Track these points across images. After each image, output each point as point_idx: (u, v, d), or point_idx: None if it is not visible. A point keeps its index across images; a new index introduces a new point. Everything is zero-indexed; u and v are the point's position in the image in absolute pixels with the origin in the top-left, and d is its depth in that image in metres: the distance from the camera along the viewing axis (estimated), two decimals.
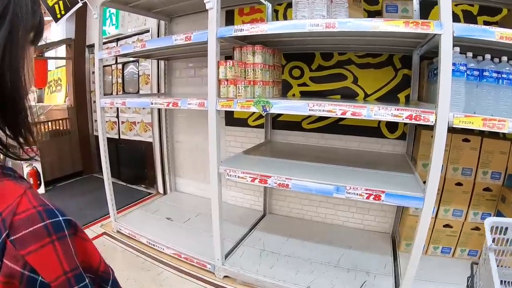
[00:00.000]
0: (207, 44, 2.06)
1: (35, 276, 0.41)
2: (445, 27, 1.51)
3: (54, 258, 0.43)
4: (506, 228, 1.47)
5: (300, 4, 1.81)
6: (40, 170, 4.02)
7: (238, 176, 2.14)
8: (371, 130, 2.77)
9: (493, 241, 1.40)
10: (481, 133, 2.32)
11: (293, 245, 2.71)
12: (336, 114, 1.75)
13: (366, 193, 1.78)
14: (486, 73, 1.71)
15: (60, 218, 0.45)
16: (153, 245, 2.81)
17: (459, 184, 2.38)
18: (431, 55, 2.28)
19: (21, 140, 0.50)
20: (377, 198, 1.76)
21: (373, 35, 1.98)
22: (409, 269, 1.80)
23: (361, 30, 1.64)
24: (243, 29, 1.92)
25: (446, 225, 2.43)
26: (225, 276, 2.41)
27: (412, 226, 2.46)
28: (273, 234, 2.91)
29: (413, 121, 1.63)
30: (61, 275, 0.43)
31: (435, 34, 1.58)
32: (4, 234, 0.40)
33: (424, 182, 1.74)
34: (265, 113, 1.96)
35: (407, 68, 2.57)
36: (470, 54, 1.74)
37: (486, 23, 2.36)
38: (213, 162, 2.22)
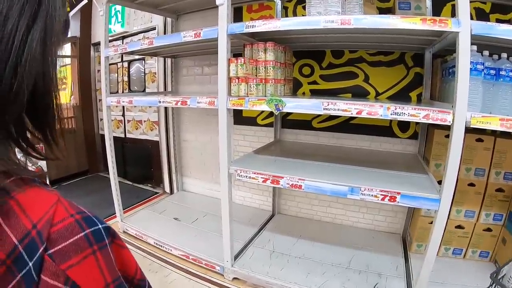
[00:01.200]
0: (217, 41, 2.02)
1: None
2: (463, 25, 1.47)
3: (96, 270, 0.40)
4: None
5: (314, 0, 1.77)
6: (45, 169, 4.00)
7: (250, 177, 2.10)
8: (383, 129, 2.73)
9: None
10: (494, 133, 2.28)
11: (303, 246, 2.67)
12: (352, 114, 1.70)
13: (381, 195, 1.74)
14: (502, 72, 1.68)
15: (100, 226, 0.42)
16: (161, 246, 2.77)
17: (471, 184, 2.33)
18: (444, 53, 2.24)
19: (49, 138, 0.47)
20: (392, 200, 1.72)
21: (388, 33, 1.94)
22: (423, 272, 1.76)
23: (377, 27, 1.59)
24: (255, 25, 1.87)
25: (458, 226, 2.39)
26: (235, 278, 2.37)
27: (424, 227, 2.43)
28: (282, 235, 2.87)
29: (430, 121, 1.58)
30: (103, 287, 0.40)
31: (452, 32, 1.53)
32: (42, 248, 0.36)
33: (439, 183, 1.70)
34: (278, 112, 1.92)
35: (419, 67, 2.52)
36: (486, 53, 1.70)
37: (498, 21, 2.31)
38: (223, 162, 2.18)
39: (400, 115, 1.62)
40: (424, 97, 2.49)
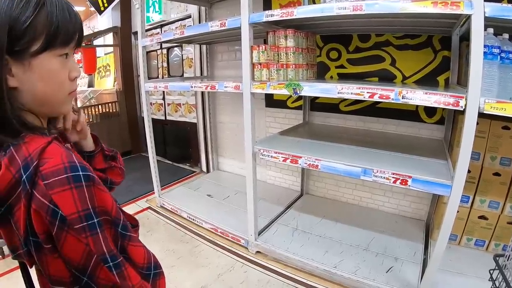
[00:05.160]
0: (240, 30, 2.14)
1: (57, 210, 0.57)
2: (475, 7, 1.42)
3: (71, 200, 0.58)
4: None
5: None
6: None
7: (271, 156, 2.23)
8: (409, 113, 2.70)
9: None
10: None
11: (326, 225, 2.77)
12: (364, 97, 1.74)
13: (393, 177, 1.77)
14: None
15: (80, 173, 0.59)
16: (193, 219, 3.01)
17: (497, 174, 2.24)
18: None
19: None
20: (403, 183, 1.75)
21: (404, 17, 1.93)
22: (433, 258, 1.78)
23: (388, 12, 1.62)
24: (273, 14, 1.97)
25: (481, 217, 2.30)
26: (258, 252, 2.54)
27: None
28: (307, 214, 2.99)
29: (442, 106, 1.58)
30: (74, 212, 0.58)
31: (466, 14, 1.50)
32: (32, 166, 0.58)
33: None
34: (296, 95, 2.01)
35: (447, 50, 2.44)
36: (506, 36, 1.63)
37: None
38: (248, 142, 2.34)
39: (411, 99, 1.64)
40: (451, 82, 2.43)
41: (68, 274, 0.62)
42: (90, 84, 6.65)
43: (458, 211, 2.06)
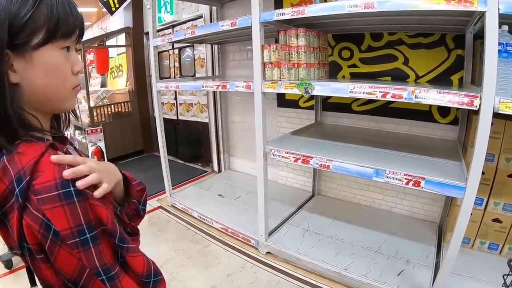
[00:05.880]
0: (251, 29, 2.14)
1: (50, 224, 0.56)
2: (489, 4, 1.39)
3: (63, 216, 0.57)
4: None
5: None
6: (103, 149, 4.46)
7: (282, 156, 2.22)
8: (422, 113, 2.65)
9: None
10: None
11: (337, 227, 2.74)
12: (376, 97, 1.72)
13: (405, 179, 1.75)
14: None
15: (71, 189, 0.58)
16: (203, 219, 3.01)
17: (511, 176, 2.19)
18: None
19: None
20: (416, 185, 1.72)
21: (417, 14, 1.90)
22: (446, 263, 1.75)
23: (400, 9, 1.59)
24: (284, 13, 1.96)
25: (496, 220, 2.24)
26: (268, 252, 2.53)
27: None
28: (318, 215, 2.96)
29: (456, 105, 1.54)
30: (67, 228, 0.57)
31: (480, 12, 1.47)
32: (25, 180, 0.57)
33: None
34: (307, 95, 2.00)
35: (461, 48, 2.39)
36: None
37: None
38: (259, 142, 2.33)
39: (424, 98, 1.61)
40: (465, 81, 2.38)
41: (60, 283, 0.62)
42: (103, 84, 6.73)
43: (471, 214, 2.04)
